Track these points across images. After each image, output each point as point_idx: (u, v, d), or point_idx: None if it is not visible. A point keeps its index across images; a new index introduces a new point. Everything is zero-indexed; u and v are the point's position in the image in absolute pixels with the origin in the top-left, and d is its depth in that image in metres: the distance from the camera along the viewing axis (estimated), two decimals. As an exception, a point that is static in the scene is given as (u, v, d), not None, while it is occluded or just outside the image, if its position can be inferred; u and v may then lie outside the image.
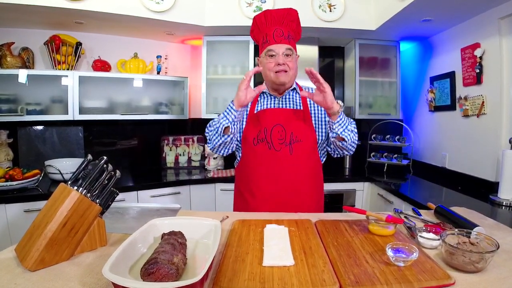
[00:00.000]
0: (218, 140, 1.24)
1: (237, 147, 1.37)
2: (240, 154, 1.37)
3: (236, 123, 1.21)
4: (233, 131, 1.21)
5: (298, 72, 1.35)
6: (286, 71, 1.25)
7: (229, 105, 1.21)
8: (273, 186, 1.27)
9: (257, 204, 1.29)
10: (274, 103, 1.34)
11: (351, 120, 1.28)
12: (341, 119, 1.19)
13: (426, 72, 2.58)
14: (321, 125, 1.33)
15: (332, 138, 1.24)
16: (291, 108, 1.33)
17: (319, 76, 1.13)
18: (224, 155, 1.33)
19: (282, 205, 1.25)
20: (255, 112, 1.34)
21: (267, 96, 1.37)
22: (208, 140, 1.30)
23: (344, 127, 1.20)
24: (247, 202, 1.33)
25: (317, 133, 1.32)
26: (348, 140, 1.21)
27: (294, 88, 1.36)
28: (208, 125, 1.30)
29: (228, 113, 1.20)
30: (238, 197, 1.41)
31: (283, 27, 1.27)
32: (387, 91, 2.74)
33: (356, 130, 1.27)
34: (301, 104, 1.34)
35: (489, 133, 1.92)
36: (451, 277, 0.70)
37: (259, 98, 1.37)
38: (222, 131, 1.20)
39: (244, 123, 1.34)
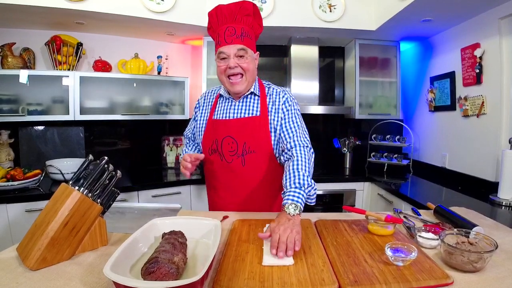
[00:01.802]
0: None
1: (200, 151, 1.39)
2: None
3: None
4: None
5: (298, 71, 1.30)
6: (241, 75, 1.16)
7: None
8: (229, 194, 1.26)
9: (217, 209, 1.30)
10: (230, 110, 1.25)
11: (299, 146, 1.14)
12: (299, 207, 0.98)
13: (426, 72, 2.58)
14: (277, 132, 1.21)
15: None
16: (247, 115, 1.22)
17: (273, 251, 0.82)
18: None
19: (241, 211, 1.22)
20: (213, 118, 1.28)
21: (224, 100, 1.29)
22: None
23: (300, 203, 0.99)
24: (211, 205, 1.37)
25: (273, 140, 1.21)
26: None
27: (252, 92, 1.24)
28: (185, 139, 1.46)
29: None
30: (208, 197, 1.42)
31: (236, 24, 1.16)
32: (387, 91, 2.74)
33: (306, 151, 1.13)
34: (258, 110, 1.23)
35: (489, 133, 1.92)
36: (449, 276, 0.70)
37: (218, 101, 1.30)
38: None
39: (204, 129, 1.29)
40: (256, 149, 1.20)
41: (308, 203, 1.06)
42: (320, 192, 2.34)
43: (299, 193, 0.98)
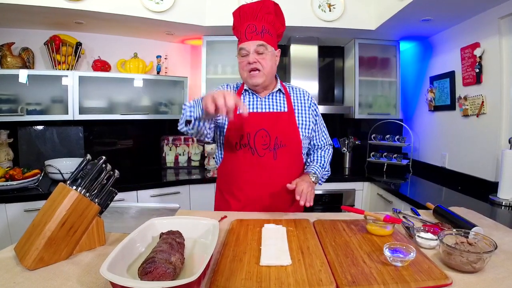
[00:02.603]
0: (182, 127, 1.15)
1: (218, 147, 1.33)
2: (222, 155, 1.32)
3: (202, 121, 1.10)
4: (194, 127, 1.11)
5: (298, 71, 1.32)
6: (258, 70, 1.19)
7: (200, 100, 1.08)
8: (256, 191, 1.24)
9: (240, 207, 1.25)
10: (257, 105, 1.27)
11: (323, 140, 1.40)
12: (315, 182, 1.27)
13: (426, 72, 2.58)
14: (305, 125, 1.29)
15: None
16: (275, 110, 1.26)
17: (298, 197, 1.10)
18: (198, 140, 1.27)
19: (265, 209, 1.22)
20: (237, 113, 1.20)
21: (249, 95, 1.29)
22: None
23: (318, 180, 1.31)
24: (229, 205, 1.29)
25: (301, 133, 1.27)
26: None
27: (279, 89, 1.29)
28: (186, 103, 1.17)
29: (195, 107, 1.09)
30: (219, 198, 1.37)
31: (257, 21, 1.19)
32: (387, 91, 2.74)
33: (329, 150, 1.43)
34: (285, 106, 1.28)
35: (488, 133, 1.92)
36: (448, 277, 0.70)
37: (242, 97, 1.29)
38: (184, 122, 1.12)
39: (226, 124, 1.26)
40: (287, 143, 1.24)
41: (318, 182, 1.32)
42: (319, 192, 2.34)
43: (320, 171, 1.31)
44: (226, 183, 1.32)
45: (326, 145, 1.42)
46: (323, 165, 1.34)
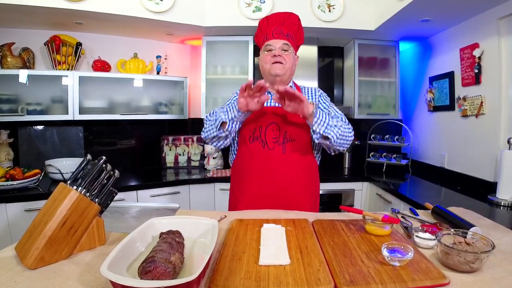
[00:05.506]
0: (213, 132, 1.24)
1: (232, 144, 1.39)
2: (236, 152, 1.38)
3: (235, 122, 1.21)
4: (229, 128, 1.21)
5: (297, 71, 1.38)
6: (282, 63, 1.27)
7: (234, 103, 1.20)
8: (265, 185, 1.28)
9: (248, 202, 1.29)
10: (271, 101, 1.34)
11: (335, 113, 1.29)
12: (318, 118, 1.15)
13: (425, 72, 2.58)
14: None
15: (317, 141, 1.20)
16: None
17: (292, 92, 1.10)
18: (216, 147, 1.34)
19: (274, 204, 1.25)
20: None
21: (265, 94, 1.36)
22: (203, 128, 1.30)
23: (326, 124, 1.15)
24: (238, 200, 1.33)
25: (311, 131, 1.29)
26: (334, 137, 1.15)
27: (291, 87, 1.35)
28: (209, 113, 1.31)
29: (230, 109, 1.20)
30: (231, 194, 1.42)
31: (283, 27, 1.32)
32: (386, 91, 2.74)
33: (345, 120, 1.26)
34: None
35: (487, 133, 1.93)
36: (445, 277, 0.70)
37: None
38: (219, 125, 1.21)
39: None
40: (296, 138, 1.29)
41: (319, 128, 1.15)
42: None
43: (324, 115, 1.17)
44: (238, 178, 1.37)
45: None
46: (329, 113, 1.27)
